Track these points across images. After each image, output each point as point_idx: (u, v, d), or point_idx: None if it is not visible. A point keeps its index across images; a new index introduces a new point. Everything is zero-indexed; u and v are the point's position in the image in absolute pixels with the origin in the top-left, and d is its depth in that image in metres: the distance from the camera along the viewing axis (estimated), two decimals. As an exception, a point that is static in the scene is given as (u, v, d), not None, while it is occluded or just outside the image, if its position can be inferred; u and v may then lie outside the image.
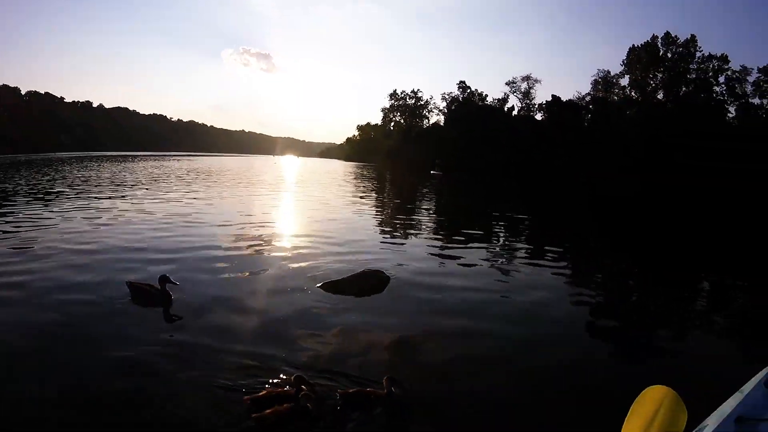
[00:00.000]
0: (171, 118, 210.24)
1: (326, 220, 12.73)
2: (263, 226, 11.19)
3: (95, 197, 15.83)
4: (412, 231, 12.00)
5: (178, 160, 66.80)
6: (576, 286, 7.60)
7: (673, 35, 65.05)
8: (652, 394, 2.31)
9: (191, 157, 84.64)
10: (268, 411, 3.04)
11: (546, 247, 11.15)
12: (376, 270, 6.68)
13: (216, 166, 51.30)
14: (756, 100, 61.08)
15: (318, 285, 6.13)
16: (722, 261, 11.27)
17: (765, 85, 60.21)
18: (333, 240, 9.65)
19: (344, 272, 6.66)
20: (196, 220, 11.47)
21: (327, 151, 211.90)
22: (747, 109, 60.88)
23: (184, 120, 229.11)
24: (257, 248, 8.49)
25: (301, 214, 14.98)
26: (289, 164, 79.93)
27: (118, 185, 21.22)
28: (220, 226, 10.86)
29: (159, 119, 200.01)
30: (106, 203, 14.43)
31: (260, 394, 3.24)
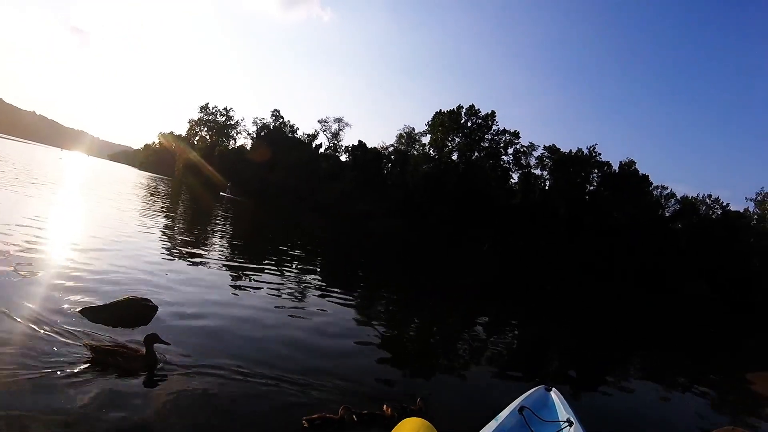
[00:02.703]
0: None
1: (103, 238, 10.75)
2: (27, 235, 9.18)
3: None
4: (195, 257, 10.96)
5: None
6: (345, 323, 7.92)
7: (476, 108, 69.24)
8: (410, 426, 2.70)
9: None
10: None
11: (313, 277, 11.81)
12: (143, 298, 6.07)
13: None
14: (537, 171, 70.18)
15: (78, 309, 5.54)
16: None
17: (546, 160, 69.05)
18: (106, 261, 8.39)
19: (110, 297, 5.99)
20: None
21: (121, 155, 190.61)
22: (528, 176, 69.08)
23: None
24: (16, 260, 7.17)
25: (78, 226, 12.41)
26: (76, 163, 72.23)
27: None
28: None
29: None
30: None
31: None
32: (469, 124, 68.66)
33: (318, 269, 14.02)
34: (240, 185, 70.44)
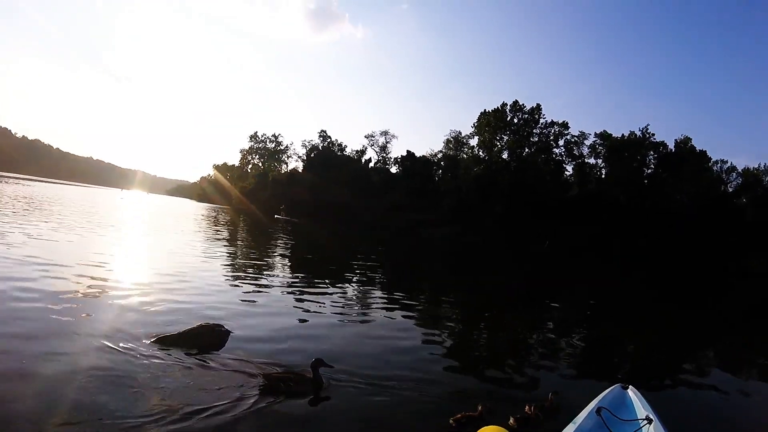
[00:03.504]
0: (16, 133, 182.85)
1: (171, 268, 11.23)
2: (99, 272, 9.55)
3: None
4: (260, 281, 11.28)
5: (7, 182, 60.01)
6: (426, 328, 8.47)
7: (520, 103, 69.07)
8: None
9: (27, 182, 76.21)
10: None
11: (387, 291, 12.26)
12: (216, 324, 6.20)
13: (55, 195, 44.96)
14: (591, 160, 69.56)
15: (151, 339, 5.66)
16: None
17: (599, 147, 68.15)
18: (175, 290, 8.71)
19: (182, 325, 6.18)
20: (22, 258, 9.62)
21: (178, 189, 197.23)
22: (582, 167, 68.42)
23: (30, 137, 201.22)
24: (89, 295, 7.49)
25: (145, 259, 13.12)
26: (137, 200, 74.51)
27: None
28: (48, 266, 9.17)
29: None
30: None
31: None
32: (516, 120, 68.49)
33: (379, 283, 14.29)
34: (295, 207, 72.94)
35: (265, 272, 12.92)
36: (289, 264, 16.35)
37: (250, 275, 12.04)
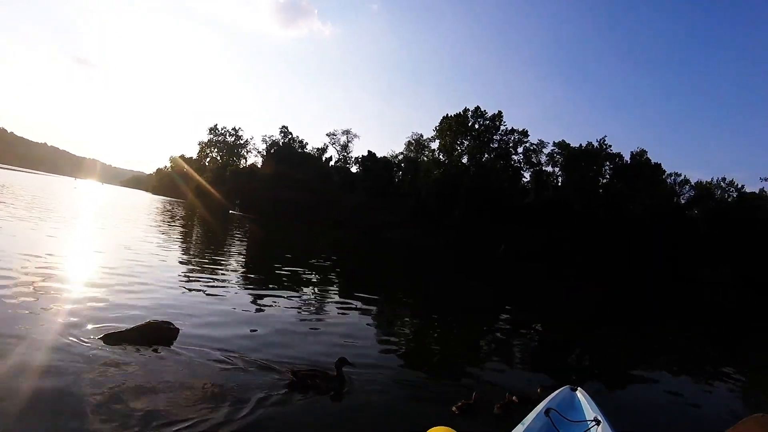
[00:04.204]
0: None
1: (121, 264, 10.74)
2: (46, 265, 9.23)
3: None
4: (212, 279, 10.80)
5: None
6: (381, 329, 8.71)
7: (482, 109, 69.38)
8: None
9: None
10: None
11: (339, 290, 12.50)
12: (164, 321, 6.07)
13: (5, 182, 44.31)
14: (549, 168, 70.77)
15: (99, 337, 5.57)
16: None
17: (557, 156, 69.50)
18: (125, 286, 8.48)
19: (130, 322, 6.06)
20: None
21: (134, 181, 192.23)
22: (540, 174, 69.42)
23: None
24: (35, 290, 7.25)
25: (95, 253, 12.30)
26: (90, 191, 72.32)
27: None
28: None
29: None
30: None
31: None
32: (477, 126, 68.70)
33: (334, 283, 14.29)
34: (253, 203, 71.42)
35: (218, 269, 12.67)
36: (242, 261, 15.98)
37: (203, 272, 11.80)
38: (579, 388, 5.03)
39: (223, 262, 14.30)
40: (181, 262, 13.04)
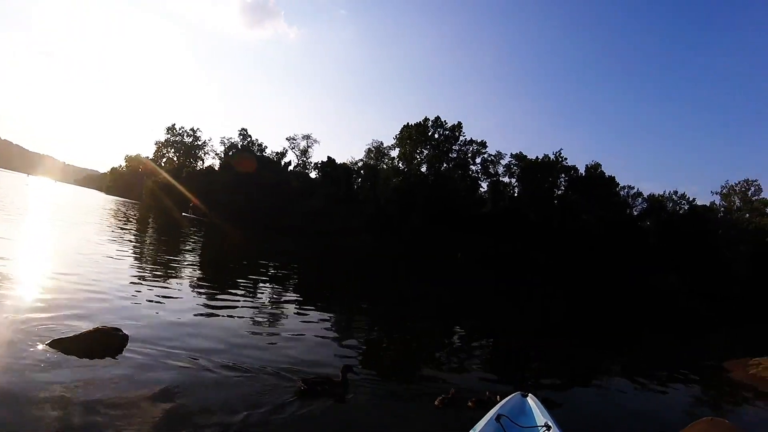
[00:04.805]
0: None
1: (70, 267, 10.41)
2: None
3: None
4: (165, 283, 10.73)
5: None
6: (338, 333, 8.93)
7: (442, 120, 69.84)
8: None
9: None
10: None
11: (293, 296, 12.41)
12: (113, 327, 5.97)
13: None
14: (506, 179, 71.86)
15: (46, 343, 5.49)
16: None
17: (514, 167, 70.58)
18: (75, 290, 8.29)
19: (80, 328, 5.96)
20: None
21: (88, 179, 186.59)
22: (497, 185, 70.65)
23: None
24: None
25: (44, 256, 11.94)
26: (43, 189, 70.88)
27: None
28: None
29: None
30: None
31: None
32: (437, 136, 69.07)
33: (289, 289, 14.16)
34: (208, 206, 69.85)
35: (170, 274, 12.43)
36: (196, 266, 15.70)
37: (155, 277, 11.59)
38: (530, 394, 5.13)
39: (175, 267, 13.97)
40: (132, 267, 12.85)
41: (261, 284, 13.48)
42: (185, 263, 15.65)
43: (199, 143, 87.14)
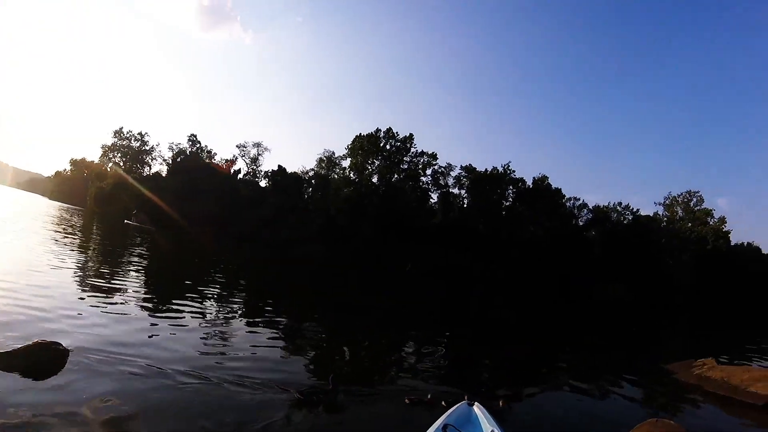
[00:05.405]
0: None
1: (11, 277, 10.11)
2: None
3: None
4: (108, 295, 10.37)
5: None
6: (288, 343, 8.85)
7: (394, 131, 70.36)
8: None
9: None
10: None
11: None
12: (53, 342, 5.78)
13: None
14: (456, 191, 72.98)
15: None
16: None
17: (463, 179, 71.66)
18: (14, 302, 8.02)
19: (17, 343, 5.71)
20: None
21: (31, 183, 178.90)
22: (446, 196, 71.71)
23: None
24: None
25: None
26: None
27: None
28: None
29: None
30: None
31: None
32: (388, 147, 69.48)
33: (237, 301, 13.92)
34: (154, 214, 67.88)
35: (113, 285, 12.06)
36: (140, 277, 15.37)
37: (97, 288, 11.26)
38: (476, 403, 5.19)
39: (118, 278, 13.59)
40: (74, 279, 12.38)
41: (208, 295, 13.27)
42: (128, 274, 15.26)
43: (147, 148, 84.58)
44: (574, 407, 7.62)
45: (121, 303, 9.95)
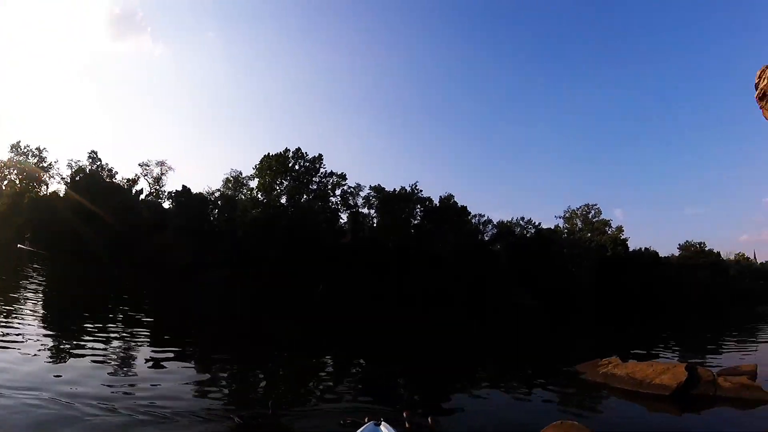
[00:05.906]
0: None
1: None
2: None
3: None
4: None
5: None
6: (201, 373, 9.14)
7: (303, 151, 70.82)
8: None
9: None
10: None
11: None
12: None
13: None
14: (365, 210, 74.76)
15: None
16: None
17: (372, 199, 73.47)
18: None
19: None
20: None
21: None
22: (356, 216, 73.51)
23: None
24: None
25: None
26: None
27: None
28: None
29: None
30: None
31: None
32: (297, 167, 69.75)
33: (142, 333, 13.72)
34: (49, 238, 63.96)
35: (5, 319, 11.59)
36: (34, 308, 14.79)
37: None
38: (383, 422, 5.37)
39: (10, 308, 13.16)
40: None
41: (108, 325, 13.15)
42: (22, 304, 14.86)
43: (45, 165, 78.55)
44: (484, 411, 8.29)
45: (12, 337, 9.93)
